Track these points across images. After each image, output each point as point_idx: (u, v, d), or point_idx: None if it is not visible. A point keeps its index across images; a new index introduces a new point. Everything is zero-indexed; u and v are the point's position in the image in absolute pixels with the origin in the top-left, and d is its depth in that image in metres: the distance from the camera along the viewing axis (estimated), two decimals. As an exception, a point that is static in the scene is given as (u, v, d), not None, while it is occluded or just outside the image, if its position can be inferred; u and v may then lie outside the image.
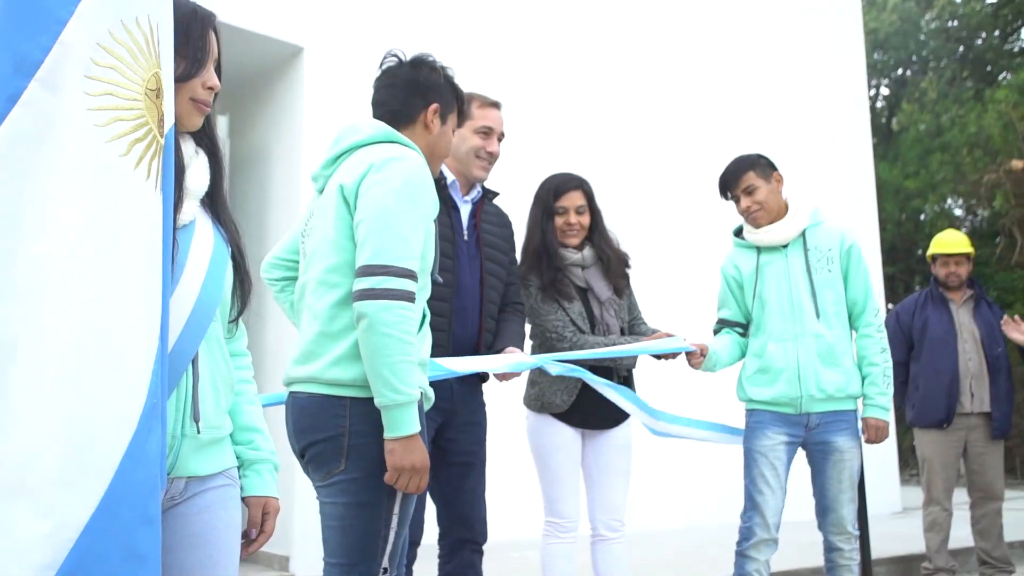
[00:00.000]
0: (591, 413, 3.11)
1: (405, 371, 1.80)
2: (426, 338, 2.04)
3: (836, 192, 7.67)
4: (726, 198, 3.33)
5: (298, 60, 5.00)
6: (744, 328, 3.30)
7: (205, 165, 1.52)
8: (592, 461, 3.18)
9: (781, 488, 3.11)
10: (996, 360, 4.65)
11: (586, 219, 3.18)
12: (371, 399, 1.84)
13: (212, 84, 1.49)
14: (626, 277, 3.28)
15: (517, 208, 3.17)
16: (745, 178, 3.21)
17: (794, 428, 3.13)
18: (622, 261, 3.27)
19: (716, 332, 3.38)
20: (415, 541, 2.59)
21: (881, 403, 3.17)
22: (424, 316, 2.01)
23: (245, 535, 1.58)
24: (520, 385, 4.29)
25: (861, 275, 3.21)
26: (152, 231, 1.21)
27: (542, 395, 3.10)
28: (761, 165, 3.25)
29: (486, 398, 2.92)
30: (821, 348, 3.09)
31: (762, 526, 3.08)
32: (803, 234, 3.22)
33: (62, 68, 1.13)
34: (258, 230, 5.13)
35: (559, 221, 3.16)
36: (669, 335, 3.12)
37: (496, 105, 2.83)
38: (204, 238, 1.48)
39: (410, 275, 1.84)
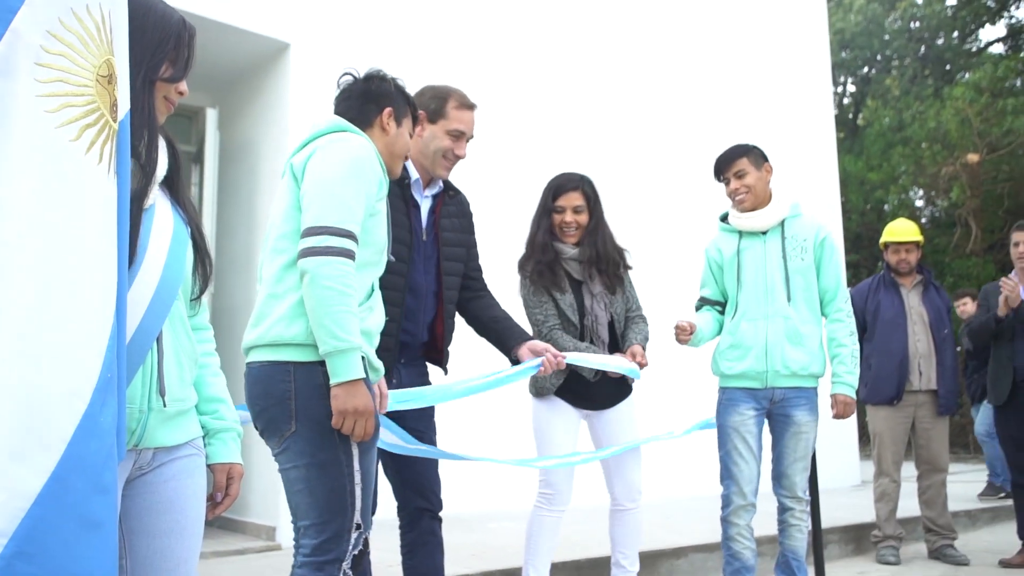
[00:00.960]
0: (585, 396, 3.15)
1: (345, 320, 1.84)
2: (376, 311, 2.07)
3: (802, 183, 7.66)
4: (718, 179, 3.41)
5: (285, 55, 4.97)
6: (722, 306, 3.37)
7: (165, 150, 1.51)
8: (603, 438, 3.22)
9: (755, 458, 3.19)
10: (943, 341, 4.70)
11: (584, 218, 3.19)
12: (314, 363, 1.87)
13: (183, 91, 1.54)
14: (621, 274, 3.29)
15: (509, 202, 3.16)
16: (738, 163, 3.30)
17: (761, 402, 3.21)
18: (617, 258, 3.28)
19: (697, 309, 3.43)
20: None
21: (849, 381, 3.24)
22: (372, 289, 2.06)
23: (211, 498, 1.58)
24: (500, 365, 4.30)
25: (833, 266, 3.28)
26: (105, 213, 1.20)
27: (535, 380, 3.13)
28: (755, 154, 3.34)
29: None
30: (789, 329, 3.17)
31: (738, 494, 3.18)
32: (782, 224, 3.30)
33: (13, 56, 1.11)
34: (247, 219, 5.11)
35: (556, 219, 3.19)
36: (625, 358, 3.11)
37: (472, 107, 2.78)
38: (164, 221, 1.47)
39: (349, 235, 1.90)
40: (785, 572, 3.26)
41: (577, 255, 3.20)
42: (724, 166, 3.35)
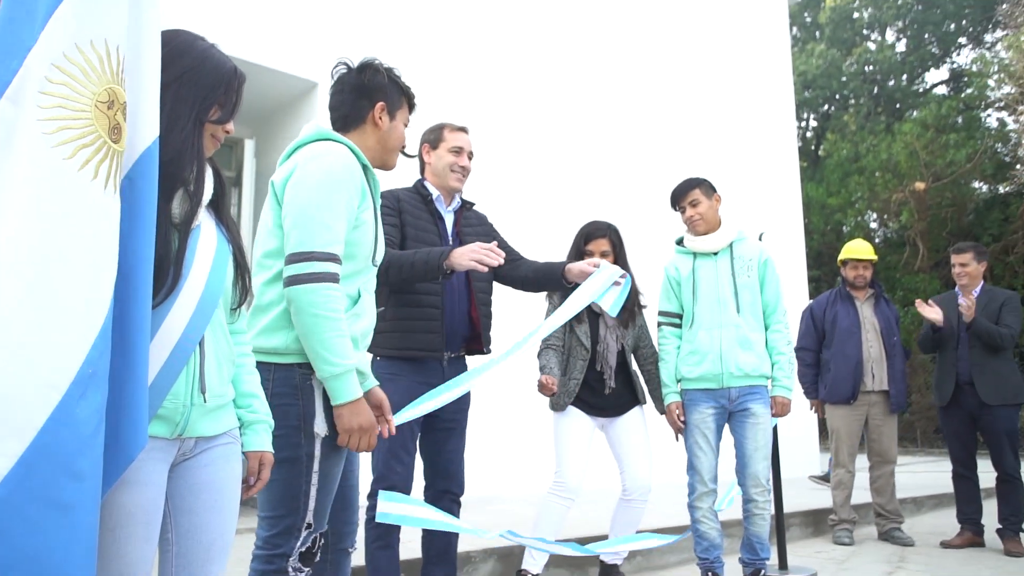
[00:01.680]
0: (598, 406, 3.25)
1: (337, 345, 1.73)
2: (364, 317, 1.93)
3: (769, 207, 7.72)
4: (675, 208, 3.45)
5: (313, 93, 5.03)
6: (679, 318, 3.39)
7: (211, 176, 1.50)
8: (616, 441, 3.29)
9: (713, 451, 3.22)
10: (892, 347, 4.69)
11: (610, 260, 3.20)
12: (293, 365, 1.79)
13: (229, 130, 1.52)
14: (635, 311, 3.37)
15: (502, 210, 3.19)
16: (692, 193, 3.35)
17: (719, 401, 3.23)
18: (635, 298, 3.35)
19: (660, 325, 3.42)
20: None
21: (786, 384, 3.30)
22: (359, 295, 1.91)
23: (245, 481, 1.58)
24: (511, 363, 4.32)
25: (773, 283, 3.34)
26: (99, 225, 1.17)
27: (555, 400, 3.24)
28: (705, 186, 3.39)
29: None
30: (739, 336, 3.22)
31: (701, 482, 3.21)
32: (731, 246, 3.35)
33: (24, 85, 1.12)
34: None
35: (594, 249, 3.26)
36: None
37: (464, 130, 2.84)
38: (208, 239, 1.45)
39: (332, 258, 1.76)
40: (750, 552, 3.26)
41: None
42: (680, 196, 3.40)
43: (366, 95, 2.01)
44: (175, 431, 1.38)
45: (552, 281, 2.85)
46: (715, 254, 3.36)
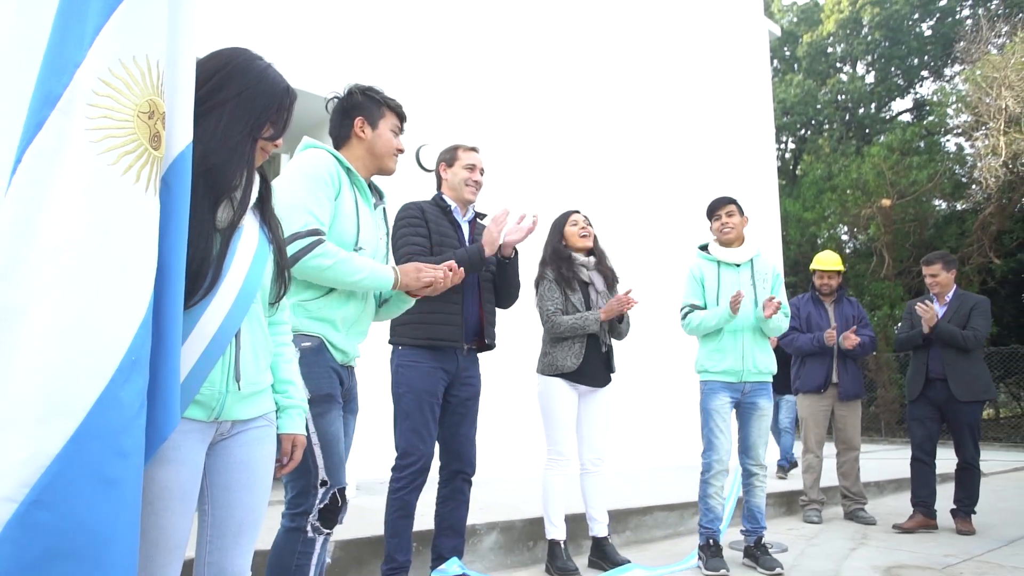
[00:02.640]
0: (591, 374, 3.18)
1: (353, 271, 1.84)
2: (350, 303, 1.96)
3: (751, 221, 7.62)
4: (710, 217, 3.51)
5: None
6: (702, 309, 3.43)
7: (256, 182, 1.46)
8: (583, 413, 3.22)
9: (728, 435, 3.30)
10: (872, 343, 4.67)
11: (591, 230, 3.30)
12: (298, 334, 1.82)
13: (279, 144, 1.49)
14: (616, 278, 3.37)
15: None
16: (729, 206, 3.45)
17: (734, 393, 3.33)
18: (612, 265, 3.40)
19: (687, 313, 3.43)
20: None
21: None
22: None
23: (278, 461, 1.54)
24: (513, 356, 4.26)
25: (782, 294, 3.47)
26: (142, 224, 1.16)
27: (555, 361, 3.14)
28: (738, 204, 3.52)
29: (486, 366, 2.91)
30: (757, 339, 3.35)
31: (718, 461, 3.29)
32: (751, 260, 3.44)
33: (73, 98, 1.12)
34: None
35: (573, 230, 3.26)
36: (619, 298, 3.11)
37: (475, 149, 2.89)
38: (249, 240, 1.42)
39: (313, 232, 1.84)
40: (752, 522, 3.34)
41: (586, 262, 3.27)
42: (719, 206, 3.47)
43: (347, 115, 2.09)
44: (211, 415, 1.36)
45: (499, 279, 2.79)
46: (738, 265, 3.43)
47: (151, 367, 1.19)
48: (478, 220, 2.89)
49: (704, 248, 3.52)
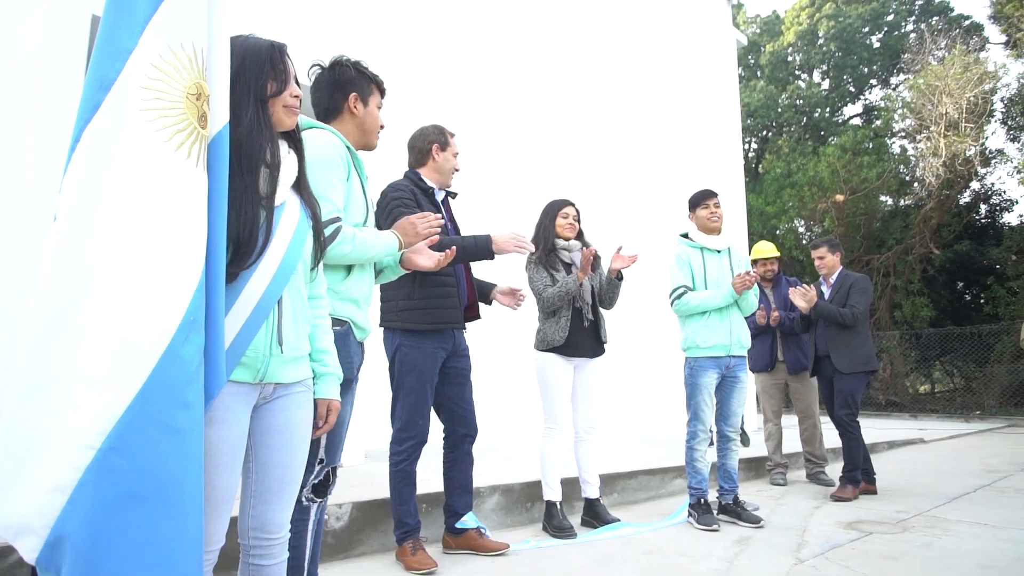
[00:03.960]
0: (579, 346, 3.16)
1: (376, 247, 1.78)
2: (363, 279, 1.87)
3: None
4: (697, 206, 3.53)
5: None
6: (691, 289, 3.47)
7: (294, 161, 1.44)
8: (577, 383, 3.22)
9: (712, 406, 3.38)
10: (791, 323, 4.56)
11: (577, 225, 3.29)
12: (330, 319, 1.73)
13: (296, 93, 1.43)
14: (598, 260, 3.34)
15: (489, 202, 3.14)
16: (717, 199, 3.54)
17: (720, 368, 3.37)
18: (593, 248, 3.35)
19: (681, 295, 3.42)
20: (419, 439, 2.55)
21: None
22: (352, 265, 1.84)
23: (314, 424, 1.52)
24: (509, 334, 4.22)
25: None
26: (194, 195, 1.16)
27: (546, 336, 3.14)
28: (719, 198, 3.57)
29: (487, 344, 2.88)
30: (738, 316, 3.42)
31: (702, 430, 3.34)
32: (729, 248, 3.53)
33: (127, 82, 1.13)
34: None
35: (563, 222, 3.24)
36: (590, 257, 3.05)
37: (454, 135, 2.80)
38: (291, 215, 1.41)
39: (334, 220, 1.72)
40: (728, 481, 3.40)
41: (567, 246, 3.25)
42: (708, 197, 3.52)
43: (340, 88, 1.92)
44: (256, 376, 1.34)
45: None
46: (719, 252, 3.47)
47: (204, 335, 1.18)
48: (450, 199, 2.78)
49: (685, 236, 3.53)
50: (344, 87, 1.92)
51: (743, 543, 2.96)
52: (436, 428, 2.64)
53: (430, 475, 2.90)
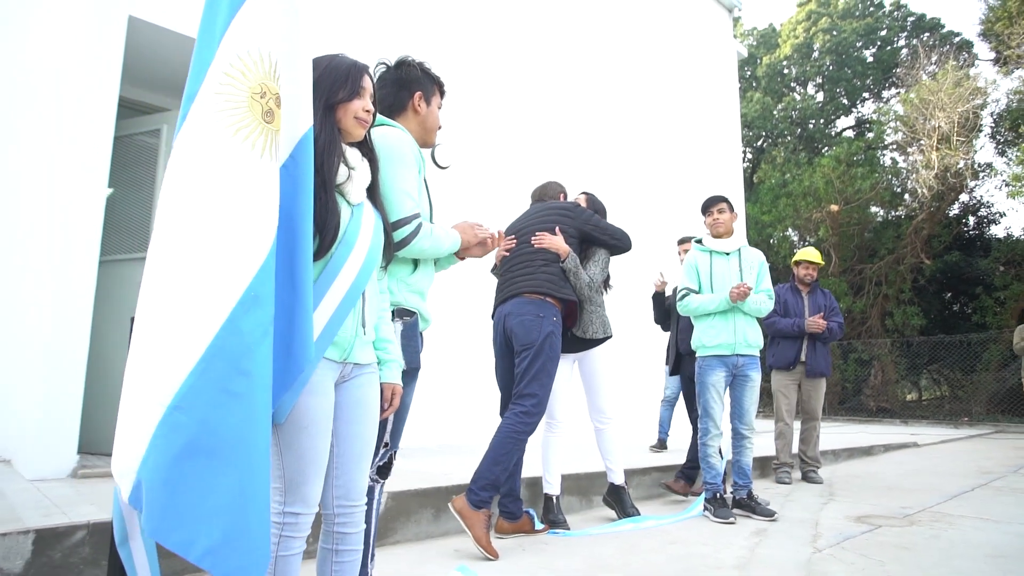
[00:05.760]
0: (572, 342, 3.13)
1: (447, 242, 1.85)
2: (428, 272, 1.92)
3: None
4: (704, 212, 3.66)
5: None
6: (697, 292, 3.57)
7: (367, 168, 1.54)
8: (584, 374, 3.24)
9: (722, 405, 3.46)
10: (840, 331, 4.76)
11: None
12: (402, 310, 1.80)
13: (368, 108, 1.51)
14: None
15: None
16: (720, 204, 3.61)
17: (728, 368, 3.45)
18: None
19: (683, 296, 3.55)
20: None
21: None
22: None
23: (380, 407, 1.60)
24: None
25: (767, 280, 3.59)
26: (260, 183, 1.26)
27: None
28: (729, 202, 3.65)
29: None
30: (746, 317, 3.47)
31: (715, 426, 3.43)
32: (739, 250, 3.58)
33: (206, 92, 1.25)
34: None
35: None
36: None
37: None
38: (369, 216, 1.51)
39: (415, 216, 1.76)
40: (742, 477, 3.48)
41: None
42: (712, 204, 3.62)
43: (405, 87, 1.95)
44: (343, 356, 1.44)
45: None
46: (728, 254, 3.55)
47: (288, 310, 1.28)
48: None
49: (699, 242, 3.70)
50: (410, 86, 1.96)
51: (760, 535, 3.05)
52: (435, 427, 2.73)
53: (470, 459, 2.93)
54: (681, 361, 4.15)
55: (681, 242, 4.86)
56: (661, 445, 5.34)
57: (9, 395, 3.26)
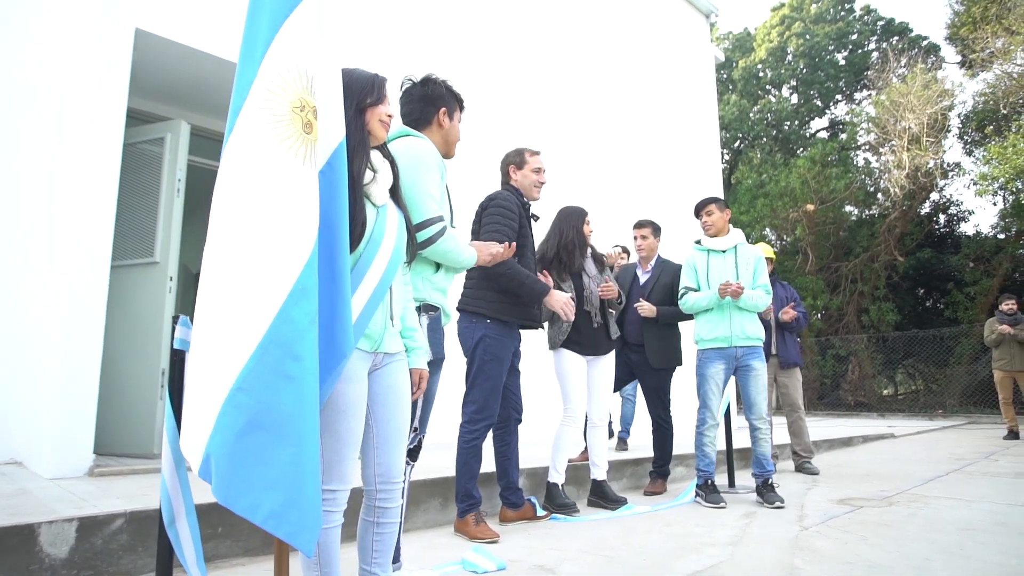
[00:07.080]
0: (591, 345, 3.37)
1: (467, 253, 1.97)
2: (452, 274, 2.06)
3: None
4: (697, 216, 3.77)
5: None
6: (696, 291, 3.69)
7: (389, 170, 1.67)
8: (591, 377, 3.41)
9: (720, 395, 3.56)
10: (807, 322, 4.95)
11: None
12: (428, 306, 1.94)
13: (390, 113, 1.66)
14: (605, 263, 3.58)
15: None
16: (709, 207, 3.72)
17: (728, 360, 3.54)
18: (601, 255, 3.60)
19: (683, 295, 3.70)
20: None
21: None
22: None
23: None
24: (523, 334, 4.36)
25: (763, 276, 3.66)
26: (303, 187, 1.38)
27: (552, 336, 3.38)
28: (720, 203, 3.74)
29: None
30: (741, 311, 3.56)
31: (711, 416, 3.53)
32: (735, 247, 3.68)
33: (251, 106, 1.39)
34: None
35: (587, 228, 3.47)
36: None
37: (537, 152, 3.05)
38: (393, 215, 1.65)
39: (439, 218, 1.89)
40: (759, 467, 3.57)
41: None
42: (702, 206, 3.74)
43: (432, 103, 2.10)
44: (374, 346, 1.57)
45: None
46: (724, 251, 3.66)
47: (330, 300, 1.40)
48: (533, 219, 3.02)
49: (698, 242, 3.83)
50: (436, 102, 2.11)
51: (750, 516, 3.24)
52: (441, 424, 2.86)
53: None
54: (627, 353, 3.96)
55: (636, 227, 4.38)
56: (622, 444, 5.06)
57: (24, 399, 3.33)
